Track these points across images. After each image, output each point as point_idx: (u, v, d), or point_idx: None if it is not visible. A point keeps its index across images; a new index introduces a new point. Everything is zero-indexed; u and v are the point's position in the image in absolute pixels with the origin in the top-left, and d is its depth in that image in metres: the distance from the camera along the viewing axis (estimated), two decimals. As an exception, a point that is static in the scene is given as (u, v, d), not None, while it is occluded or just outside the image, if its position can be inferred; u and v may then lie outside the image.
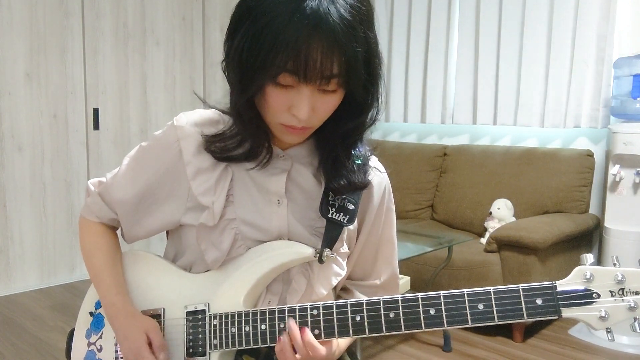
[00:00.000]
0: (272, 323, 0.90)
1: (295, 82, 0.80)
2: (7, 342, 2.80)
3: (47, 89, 3.58)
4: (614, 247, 2.91)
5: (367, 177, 0.97)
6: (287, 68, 0.78)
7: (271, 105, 0.84)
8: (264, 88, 0.82)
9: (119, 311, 1.00)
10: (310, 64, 0.78)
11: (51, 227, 3.68)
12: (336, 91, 0.84)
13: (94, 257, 1.05)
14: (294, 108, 0.83)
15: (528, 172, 3.37)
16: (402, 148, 4.07)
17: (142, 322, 0.98)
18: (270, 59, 0.78)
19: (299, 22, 0.76)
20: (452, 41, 3.95)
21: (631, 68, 2.97)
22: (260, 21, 0.78)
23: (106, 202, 1.05)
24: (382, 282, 1.09)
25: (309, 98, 0.82)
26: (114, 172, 1.05)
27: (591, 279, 0.79)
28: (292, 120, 0.85)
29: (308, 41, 0.76)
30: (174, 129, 0.96)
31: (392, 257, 1.10)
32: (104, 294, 1.02)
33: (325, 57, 0.78)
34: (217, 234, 0.95)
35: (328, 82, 0.81)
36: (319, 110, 0.85)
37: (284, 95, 0.82)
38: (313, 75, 0.79)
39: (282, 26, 0.76)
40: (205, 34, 4.34)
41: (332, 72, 0.80)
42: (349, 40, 0.78)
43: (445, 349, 2.74)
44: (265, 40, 0.78)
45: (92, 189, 1.07)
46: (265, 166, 0.95)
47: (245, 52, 0.81)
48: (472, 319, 0.82)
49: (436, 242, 2.87)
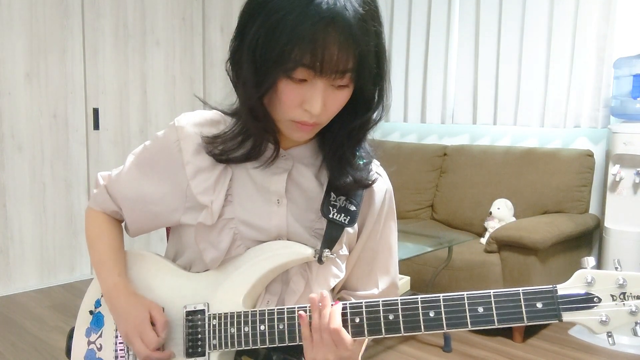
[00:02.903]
0: (272, 324, 0.90)
1: (310, 76, 0.80)
2: (7, 342, 2.80)
3: (47, 89, 3.58)
4: (614, 247, 2.91)
5: (371, 176, 0.97)
6: (303, 62, 0.78)
7: (283, 101, 0.84)
8: (277, 83, 0.82)
9: (121, 291, 1.01)
10: (327, 58, 0.78)
11: (51, 227, 3.68)
12: (347, 87, 0.84)
13: (98, 243, 1.07)
14: (307, 103, 0.83)
15: (528, 172, 3.37)
16: (402, 148, 4.07)
17: (145, 301, 0.99)
18: (286, 53, 0.78)
19: (316, 16, 0.76)
20: (452, 41, 3.95)
21: (631, 68, 2.97)
22: (275, 15, 0.78)
23: (111, 196, 1.07)
24: (380, 292, 1.06)
25: (322, 92, 0.82)
26: (119, 169, 1.07)
27: (592, 282, 0.78)
28: (304, 116, 0.85)
29: (325, 35, 0.77)
30: (175, 130, 0.97)
31: (390, 265, 1.08)
32: (107, 276, 1.03)
33: (341, 51, 0.78)
34: (216, 234, 0.95)
35: (342, 77, 0.81)
36: (329, 106, 0.85)
37: (297, 90, 0.82)
38: (329, 69, 0.79)
39: (299, 20, 0.76)
40: (205, 34, 4.34)
41: (347, 66, 0.80)
42: (363, 34, 0.79)
43: (445, 349, 2.74)
44: (281, 35, 0.77)
45: (100, 182, 1.09)
46: (269, 165, 0.95)
47: (260, 47, 0.80)
48: (472, 322, 0.81)
49: (436, 242, 2.87)
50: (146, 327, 0.96)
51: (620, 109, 3.05)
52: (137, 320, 0.96)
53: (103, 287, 1.04)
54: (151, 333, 0.95)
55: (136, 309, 0.98)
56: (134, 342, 0.96)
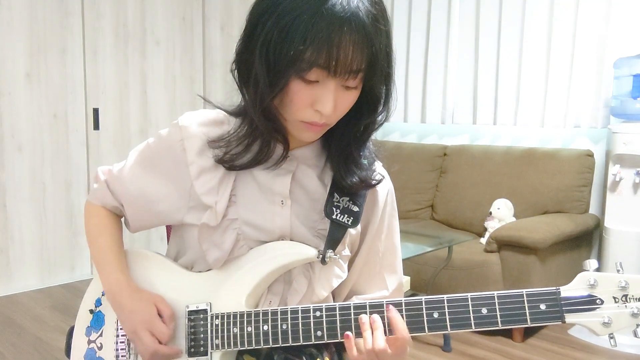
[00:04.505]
0: (275, 324, 0.90)
1: (323, 76, 0.80)
2: (7, 342, 2.80)
3: (47, 89, 3.57)
4: (614, 247, 2.91)
5: (375, 176, 0.98)
6: (318, 62, 0.78)
7: (294, 102, 0.84)
8: (289, 84, 0.82)
9: (124, 287, 1.00)
10: (341, 59, 0.78)
11: (51, 227, 3.67)
12: (356, 87, 0.84)
13: (99, 238, 1.06)
14: (318, 103, 0.83)
15: (528, 172, 3.37)
16: (402, 148, 4.07)
17: (149, 295, 0.99)
18: (300, 53, 0.78)
19: (331, 16, 0.76)
20: (452, 41, 3.95)
21: (631, 68, 2.97)
22: (289, 16, 0.77)
23: (111, 191, 1.06)
24: (390, 293, 1.07)
25: (334, 93, 0.82)
26: (121, 164, 1.06)
27: (595, 285, 0.79)
28: (314, 117, 0.85)
29: (340, 36, 0.77)
30: (178, 129, 0.96)
31: (396, 264, 1.09)
32: (109, 272, 1.02)
33: (355, 51, 0.78)
34: (219, 234, 0.95)
35: (355, 77, 0.81)
36: (339, 107, 0.85)
37: (309, 90, 0.82)
38: (342, 70, 0.79)
39: (313, 20, 0.76)
40: (205, 34, 4.34)
41: (360, 66, 0.80)
42: (376, 34, 0.79)
43: (445, 348, 2.74)
44: (295, 35, 0.77)
45: (101, 177, 1.08)
46: (278, 166, 0.95)
47: (272, 48, 0.80)
48: (476, 324, 0.81)
49: (436, 242, 2.88)
50: (156, 320, 0.95)
51: (620, 109, 3.05)
52: (144, 316, 0.96)
53: (105, 284, 1.03)
54: (162, 326, 0.95)
55: (142, 304, 0.97)
56: (143, 336, 0.95)
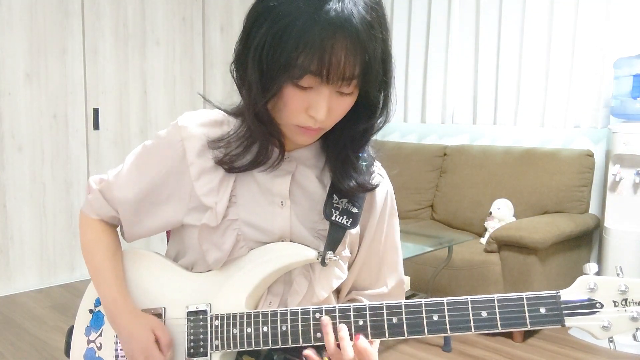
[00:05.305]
0: (275, 325, 0.90)
1: (316, 83, 0.80)
2: (7, 342, 2.80)
3: (47, 89, 3.57)
4: (614, 247, 2.91)
5: (373, 180, 0.98)
6: (310, 69, 0.78)
7: (289, 107, 0.84)
8: (282, 89, 0.82)
9: (121, 309, 0.99)
10: (334, 65, 0.77)
11: (51, 227, 3.68)
12: (352, 93, 0.84)
13: (94, 254, 1.04)
14: (312, 109, 0.83)
15: (528, 172, 3.37)
16: (402, 148, 4.07)
17: (147, 320, 0.98)
18: (293, 59, 0.77)
19: (324, 23, 0.75)
20: (452, 41, 3.95)
21: (631, 68, 2.97)
22: (282, 21, 0.77)
23: (107, 200, 1.04)
24: (389, 290, 1.08)
25: (327, 99, 0.82)
26: (117, 170, 1.04)
27: (595, 288, 0.79)
28: (308, 122, 0.85)
29: (332, 42, 0.76)
30: (178, 129, 0.96)
31: (397, 263, 1.09)
32: (105, 291, 1.01)
33: (348, 58, 0.78)
34: (219, 235, 0.95)
35: (349, 84, 0.81)
36: (334, 112, 0.85)
37: (303, 96, 0.82)
38: (335, 77, 0.79)
39: (306, 26, 0.76)
40: (205, 34, 4.34)
41: (353, 73, 0.80)
42: (370, 42, 0.79)
43: (445, 349, 2.74)
44: (288, 40, 0.77)
45: (93, 186, 1.06)
46: (276, 168, 0.95)
47: (266, 53, 0.80)
48: (475, 326, 0.82)
49: (436, 242, 2.88)
50: (153, 350, 0.95)
51: (620, 109, 3.05)
52: (142, 344, 0.96)
53: (102, 301, 1.02)
54: (159, 355, 0.95)
55: (139, 329, 0.97)
56: None
